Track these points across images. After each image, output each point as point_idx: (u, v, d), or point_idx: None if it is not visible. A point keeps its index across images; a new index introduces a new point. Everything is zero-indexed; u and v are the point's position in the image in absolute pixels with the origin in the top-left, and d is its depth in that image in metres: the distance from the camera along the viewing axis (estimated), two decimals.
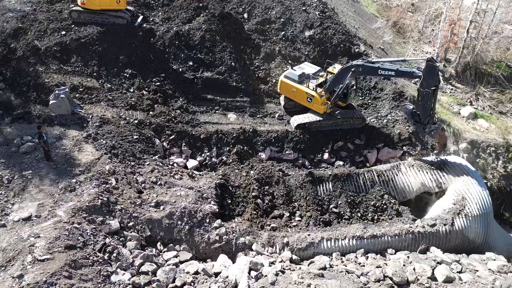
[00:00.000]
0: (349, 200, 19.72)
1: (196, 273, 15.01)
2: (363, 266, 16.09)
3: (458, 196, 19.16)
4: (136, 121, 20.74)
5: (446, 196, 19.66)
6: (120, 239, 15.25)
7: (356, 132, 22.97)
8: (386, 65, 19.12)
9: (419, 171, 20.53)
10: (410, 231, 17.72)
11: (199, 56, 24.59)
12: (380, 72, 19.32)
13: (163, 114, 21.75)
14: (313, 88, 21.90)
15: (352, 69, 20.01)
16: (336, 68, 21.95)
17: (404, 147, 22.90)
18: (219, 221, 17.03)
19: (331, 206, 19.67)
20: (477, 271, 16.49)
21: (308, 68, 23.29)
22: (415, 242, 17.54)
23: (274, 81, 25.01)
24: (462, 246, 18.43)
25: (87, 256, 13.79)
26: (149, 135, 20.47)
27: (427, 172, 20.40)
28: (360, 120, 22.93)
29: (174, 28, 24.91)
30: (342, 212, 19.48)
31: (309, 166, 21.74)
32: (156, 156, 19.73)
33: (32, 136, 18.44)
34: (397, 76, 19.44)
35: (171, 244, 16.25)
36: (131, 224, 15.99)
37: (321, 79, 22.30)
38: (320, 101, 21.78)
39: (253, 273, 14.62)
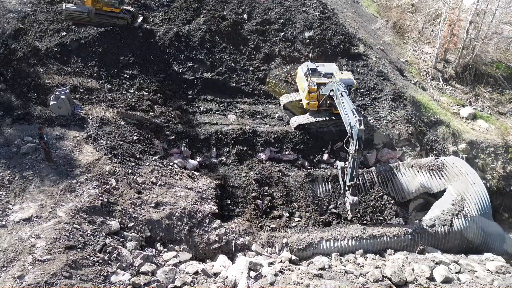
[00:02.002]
0: None
1: (196, 273, 15.06)
2: (362, 266, 16.15)
3: (457, 197, 19.21)
4: (136, 122, 20.80)
5: (444, 196, 19.70)
6: (120, 239, 15.31)
7: None
8: (344, 106, 18.43)
9: (418, 171, 20.58)
10: (409, 231, 17.78)
11: (199, 57, 24.67)
12: (338, 106, 19.08)
13: (163, 114, 21.82)
14: (309, 84, 21.88)
15: (331, 87, 20.09)
16: (343, 74, 21.98)
17: (403, 148, 22.96)
18: (218, 221, 17.09)
19: (331, 206, 19.75)
20: (476, 271, 16.55)
21: (328, 67, 23.17)
22: (414, 243, 17.59)
23: (274, 81, 25.09)
24: (461, 247, 18.47)
25: (87, 256, 13.86)
26: (149, 135, 20.55)
27: (426, 173, 20.45)
28: None
29: (174, 29, 24.98)
30: (341, 213, 19.55)
31: (309, 167, 21.80)
32: (156, 157, 19.80)
33: (33, 137, 18.52)
34: (343, 118, 18.62)
35: (171, 245, 16.31)
36: (131, 224, 16.06)
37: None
38: (307, 96, 22.03)
39: (252, 274, 14.68)
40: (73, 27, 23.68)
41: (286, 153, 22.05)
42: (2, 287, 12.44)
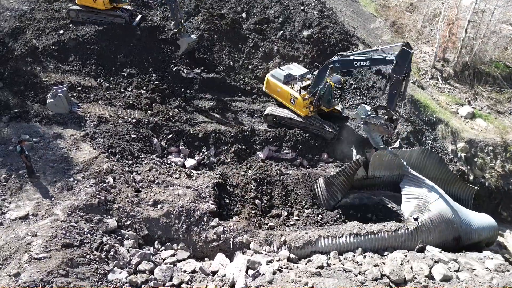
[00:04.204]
0: None
1: (194, 271, 14.99)
2: (361, 265, 16.04)
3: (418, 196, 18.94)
4: (134, 120, 20.73)
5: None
6: (118, 237, 15.22)
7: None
8: (361, 56, 18.63)
9: None
10: (406, 227, 17.69)
11: (198, 55, 24.59)
12: (356, 64, 18.82)
13: (161, 113, 21.75)
14: (297, 90, 21.62)
15: (330, 66, 19.62)
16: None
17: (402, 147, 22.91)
18: (216, 220, 17.00)
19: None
20: (475, 269, 16.46)
21: (296, 69, 23.01)
22: (411, 238, 17.48)
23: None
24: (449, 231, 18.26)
25: (84, 254, 13.76)
26: (147, 134, 20.46)
27: None
28: (331, 135, 22.15)
29: (173, 28, 24.88)
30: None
31: (307, 166, 21.71)
32: (154, 155, 19.71)
33: (30, 135, 18.44)
34: (372, 64, 18.86)
35: (169, 243, 16.24)
36: (128, 223, 15.97)
37: (308, 82, 21.95)
38: (303, 103, 21.50)
39: (250, 272, 14.57)
40: (71, 25, 23.64)
41: (285, 152, 21.96)
42: None
